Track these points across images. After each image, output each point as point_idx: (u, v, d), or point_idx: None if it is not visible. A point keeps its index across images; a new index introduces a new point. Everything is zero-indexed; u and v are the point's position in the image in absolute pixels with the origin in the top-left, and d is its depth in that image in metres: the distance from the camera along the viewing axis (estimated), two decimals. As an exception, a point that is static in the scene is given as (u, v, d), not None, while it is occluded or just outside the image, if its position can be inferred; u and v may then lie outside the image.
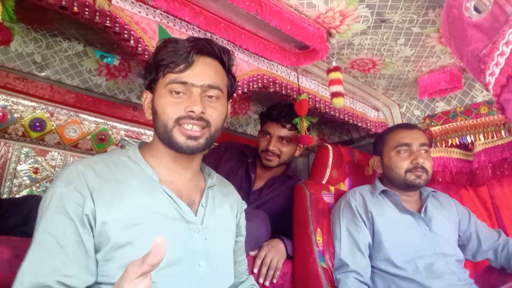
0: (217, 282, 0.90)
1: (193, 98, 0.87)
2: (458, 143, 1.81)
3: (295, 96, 1.68)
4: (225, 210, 1.02)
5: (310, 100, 1.75)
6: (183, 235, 0.86)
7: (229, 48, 1.48)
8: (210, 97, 0.91)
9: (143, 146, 0.97)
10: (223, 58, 0.96)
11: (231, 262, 1.00)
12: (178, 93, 0.88)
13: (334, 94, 1.49)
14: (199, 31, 1.39)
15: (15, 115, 1.77)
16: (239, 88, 1.51)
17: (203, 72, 0.90)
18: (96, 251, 0.79)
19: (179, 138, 0.87)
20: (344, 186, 1.84)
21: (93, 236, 0.78)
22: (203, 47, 0.91)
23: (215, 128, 0.92)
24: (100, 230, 0.78)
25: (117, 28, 1.16)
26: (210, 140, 0.91)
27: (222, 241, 0.97)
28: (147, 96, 0.96)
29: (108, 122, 2.05)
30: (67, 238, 0.75)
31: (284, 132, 1.76)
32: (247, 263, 1.17)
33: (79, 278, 0.74)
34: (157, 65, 0.90)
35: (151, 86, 0.94)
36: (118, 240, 0.78)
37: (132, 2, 1.22)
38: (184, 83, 0.88)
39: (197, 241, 0.88)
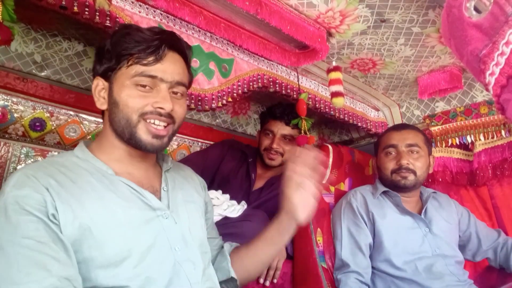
0: (195, 263, 0.88)
1: (162, 94, 0.84)
2: (458, 143, 1.81)
3: (295, 96, 1.69)
4: (188, 190, 1.00)
5: (310, 100, 1.76)
6: (152, 224, 0.83)
7: (230, 48, 1.50)
8: (175, 93, 0.89)
9: (90, 144, 0.93)
10: (187, 54, 0.93)
11: (205, 241, 0.98)
12: (144, 86, 0.84)
13: (334, 94, 1.49)
14: (199, 31, 1.39)
15: (15, 115, 1.77)
16: (239, 88, 1.51)
17: (173, 67, 0.87)
18: None
19: (144, 135, 0.84)
20: (344, 186, 1.84)
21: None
22: (173, 42, 0.88)
23: (178, 124, 0.90)
24: (63, 230, 0.72)
25: (117, 28, 1.16)
26: (171, 137, 0.91)
27: (192, 222, 0.94)
28: (99, 84, 0.89)
29: (108, 122, 2.04)
30: (42, 235, 0.68)
31: (287, 130, 1.77)
32: (220, 238, 1.14)
33: (72, 273, 0.70)
34: (119, 54, 0.84)
35: (107, 74, 0.87)
36: (81, 239, 0.73)
37: (132, 2, 1.22)
38: (153, 77, 0.84)
39: (168, 227, 0.85)
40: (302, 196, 0.94)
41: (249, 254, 1.05)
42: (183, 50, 0.91)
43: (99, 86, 0.89)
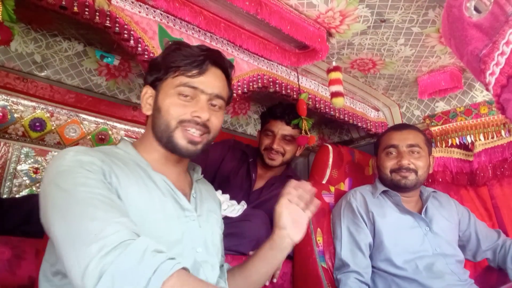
0: (212, 267, 0.93)
1: (200, 104, 0.91)
2: (458, 143, 1.81)
3: (295, 96, 1.69)
4: (211, 202, 1.07)
5: (310, 100, 1.76)
6: (181, 222, 0.88)
7: (230, 48, 1.50)
8: (214, 105, 0.95)
9: (132, 143, 0.98)
10: (228, 72, 1.01)
11: (220, 251, 1.03)
12: (186, 96, 0.91)
13: (334, 94, 1.49)
14: (199, 31, 1.39)
15: (15, 115, 1.77)
16: (239, 88, 1.51)
17: (214, 81, 0.94)
18: None
19: (181, 140, 0.90)
20: (344, 186, 1.84)
21: None
22: (217, 59, 0.96)
23: (213, 135, 0.97)
24: None
25: (117, 28, 1.16)
26: (206, 146, 0.96)
27: (213, 230, 1.00)
28: (147, 91, 0.97)
29: (108, 122, 2.05)
30: (108, 192, 0.73)
31: (288, 130, 1.77)
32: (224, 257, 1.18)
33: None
34: (167, 66, 0.92)
35: (154, 84, 0.95)
36: (141, 215, 0.78)
37: (132, 2, 1.22)
38: (194, 88, 0.91)
39: (193, 228, 0.91)
40: (294, 215, 1.00)
41: (241, 271, 1.07)
42: (225, 67, 0.99)
43: (147, 93, 0.97)
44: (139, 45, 1.22)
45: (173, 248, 0.83)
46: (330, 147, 1.81)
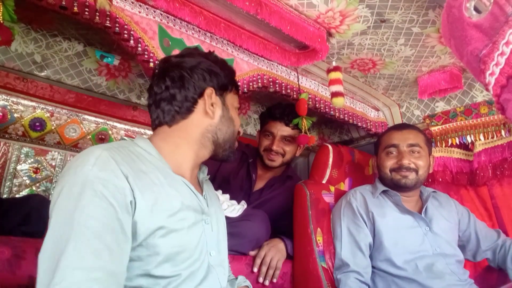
0: (224, 270, 0.95)
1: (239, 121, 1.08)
2: (458, 143, 1.81)
3: (295, 96, 1.68)
4: (217, 202, 1.09)
5: (310, 100, 1.76)
6: (197, 226, 0.89)
7: (230, 48, 1.50)
8: None
9: (151, 140, 0.95)
10: None
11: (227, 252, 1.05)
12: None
13: (334, 94, 1.49)
14: (199, 31, 1.39)
15: (15, 115, 1.77)
16: (239, 88, 1.51)
17: None
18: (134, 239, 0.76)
19: (234, 147, 1.04)
20: (344, 186, 1.84)
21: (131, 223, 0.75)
22: None
23: None
24: (137, 219, 0.75)
25: (117, 28, 1.16)
26: None
27: (222, 232, 1.02)
28: (212, 95, 0.96)
29: (108, 122, 2.05)
30: (107, 222, 0.69)
31: (287, 131, 1.76)
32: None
33: (120, 269, 0.71)
34: (231, 80, 1.02)
35: (219, 91, 0.98)
36: (152, 227, 0.77)
37: (132, 2, 1.22)
38: (239, 109, 1.08)
39: (208, 231, 0.92)
40: None
41: None
42: None
43: (215, 101, 0.97)
44: (139, 45, 1.22)
45: (193, 254, 0.84)
46: (330, 147, 1.81)
